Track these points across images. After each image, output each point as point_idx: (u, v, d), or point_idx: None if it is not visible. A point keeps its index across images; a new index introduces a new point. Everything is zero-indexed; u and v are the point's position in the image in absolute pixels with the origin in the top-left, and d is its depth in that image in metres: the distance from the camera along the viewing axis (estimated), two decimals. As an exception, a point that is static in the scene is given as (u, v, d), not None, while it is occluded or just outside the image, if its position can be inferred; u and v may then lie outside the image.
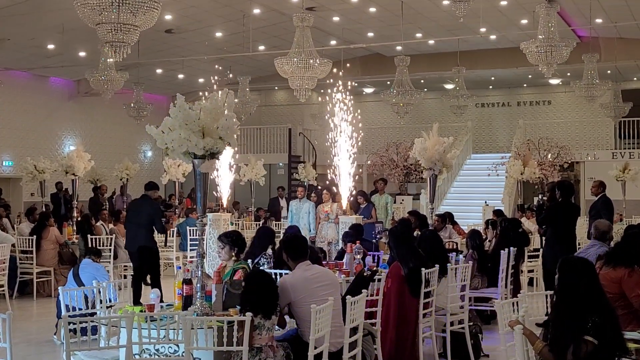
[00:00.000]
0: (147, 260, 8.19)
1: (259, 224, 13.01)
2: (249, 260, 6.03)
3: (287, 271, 4.95)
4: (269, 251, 6.23)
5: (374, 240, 8.87)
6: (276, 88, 20.97)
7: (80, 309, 4.94)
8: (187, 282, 4.44)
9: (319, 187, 10.83)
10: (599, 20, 13.96)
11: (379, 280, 5.40)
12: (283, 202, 14.85)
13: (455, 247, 8.85)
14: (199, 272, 4.42)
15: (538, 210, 8.47)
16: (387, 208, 11.45)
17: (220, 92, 4.54)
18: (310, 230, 9.54)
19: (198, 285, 4.38)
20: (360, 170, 8.87)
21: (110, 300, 5.25)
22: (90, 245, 9.54)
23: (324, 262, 6.26)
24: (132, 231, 8.24)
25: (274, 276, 5.48)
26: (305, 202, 10.36)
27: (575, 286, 3.36)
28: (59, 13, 12.44)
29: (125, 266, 10.15)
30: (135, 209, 8.34)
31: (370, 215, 10.12)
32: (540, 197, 13.61)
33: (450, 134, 17.96)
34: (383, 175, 16.77)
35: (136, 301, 7.57)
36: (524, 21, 14.15)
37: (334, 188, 9.14)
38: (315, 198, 10.96)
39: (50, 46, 14.56)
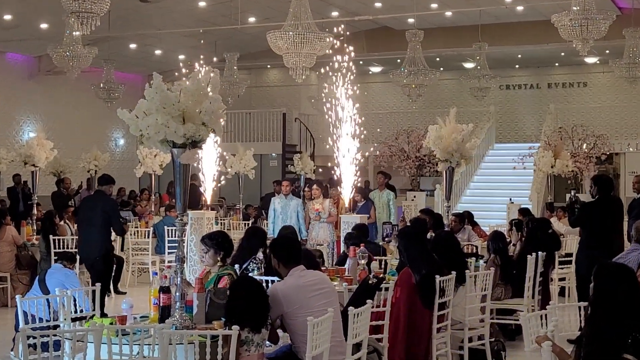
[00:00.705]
0: (107, 266, 8.16)
1: (248, 224, 13.03)
2: (237, 266, 6.05)
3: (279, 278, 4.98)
4: (260, 255, 6.24)
5: (380, 243, 8.89)
6: (268, 67, 20.94)
7: (47, 320, 4.94)
8: (165, 290, 4.45)
9: (317, 182, 10.82)
10: (643, -11, 13.87)
11: (387, 289, 5.41)
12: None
13: (474, 251, 8.87)
14: (178, 278, 4.42)
15: (570, 208, 8.47)
16: (390, 206, 11.49)
17: (203, 70, 4.53)
18: (300, 232, 9.55)
19: (177, 294, 4.39)
20: (360, 159, 8.80)
21: (82, 311, 5.26)
22: (53, 248, 9.54)
23: (322, 268, 6.28)
24: (85, 233, 8.15)
25: (265, 284, 5.51)
26: (292, 199, 10.37)
27: (613, 295, 3.34)
28: (16, -22, 12.39)
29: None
30: (87, 207, 8.24)
31: (369, 214, 10.19)
32: (572, 193, 13.62)
33: (469, 120, 17.98)
34: (392, 167, 16.81)
35: (100, 313, 7.58)
36: (556, -10, 14.09)
37: (325, 183, 9.16)
38: (309, 193, 10.98)
39: (7, 17, 14.46)
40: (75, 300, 5.26)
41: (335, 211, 10.22)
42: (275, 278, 5.30)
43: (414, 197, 15.66)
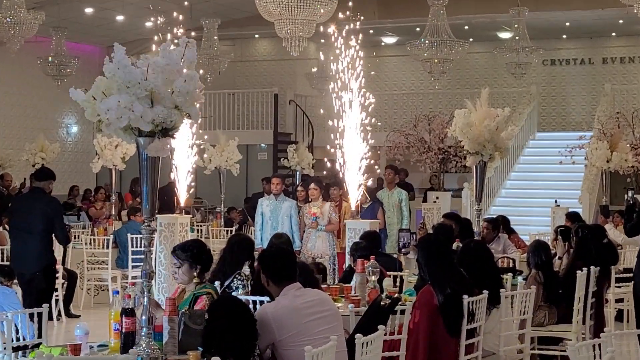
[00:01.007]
0: (49, 284, 8.08)
1: (231, 231, 13.04)
2: (217, 283, 6.05)
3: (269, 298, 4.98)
4: (246, 270, 6.24)
5: (395, 255, 8.90)
6: (257, 36, 20.96)
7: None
8: (128, 313, 4.45)
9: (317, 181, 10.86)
10: None
11: (403, 312, 5.41)
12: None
13: (511, 265, 8.88)
14: (145, 298, 4.42)
15: (628, 213, 8.49)
16: (402, 208, 11.55)
17: (176, 41, 4.53)
18: (294, 242, 9.58)
19: (143, 317, 4.39)
20: (371, 159, 8.83)
21: (23, 338, 5.26)
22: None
23: (323, 286, 6.29)
24: (20, 242, 8.04)
25: (252, 305, 5.51)
26: (284, 201, 10.37)
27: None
28: None
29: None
30: (23, 209, 8.12)
31: (376, 218, 10.23)
32: (630, 194, 13.59)
33: (506, 103, 18.06)
34: (410, 161, 16.83)
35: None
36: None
37: (326, 181, 9.17)
38: (304, 194, 11.03)
39: None
40: (17, 325, 5.26)
41: (336, 217, 10.25)
42: (265, 298, 5.31)
43: (437, 198, 15.68)
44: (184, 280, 5.22)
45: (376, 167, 10.44)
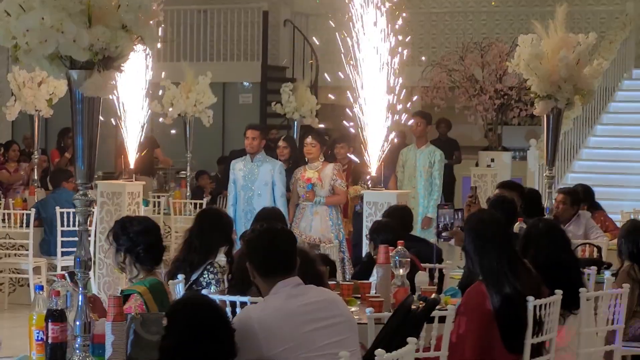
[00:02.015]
0: None
1: (201, 205, 13.05)
2: (181, 277, 6.07)
3: (255, 299, 4.99)
4: (221, 259, 6.27)
5: (431, 240, 8.91)
6: None
7: None
8: (56, 317, 4.46)
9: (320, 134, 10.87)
10: None
11: (443, 319, 5.45)
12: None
13: (596, 255, 8.89)
14: (80, 297, 4.44)
15: None
16: (434, 174, 11.51)
17: None
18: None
19: (77, 323, 4.41)
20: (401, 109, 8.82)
21: None
22: None
23: (330, 283, 6.33)
24: None
25: (229, 309, 5.52)
26: (263, 163, 10.35)
27: None
28: None
29: None
30: None
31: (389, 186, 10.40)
32: None
33: (591, 27, 17.90)
34: (454, 108, 16.78)
35: None
36: None
37: (330, 135, 9.16)
38: (286, 151, 11.11)
39: None
40: None
41: (343, 185, 10.28)
42: (248, 299, 5.32)
43: (492, 161, 15.67)
44: (130, 273, 5.37)
45: (409, 120, 10.45)
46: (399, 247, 6.48)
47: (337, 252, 9.69)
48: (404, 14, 8.87)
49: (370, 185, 9.28)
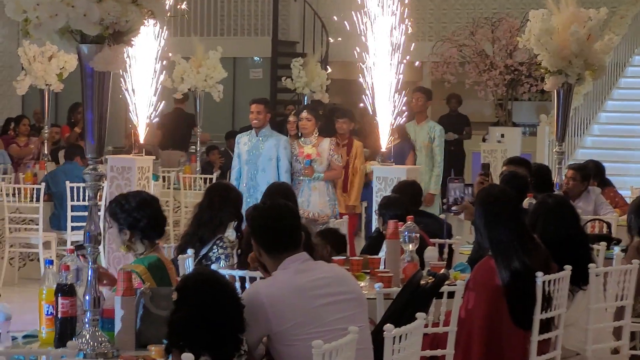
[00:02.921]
0: None
1: (210, 180, 13.07)
2: (190, 251, 6.08)
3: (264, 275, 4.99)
4: (230, 234, 6.28)
5: (441, 215, 8.91)
6: None
7: None
8: (66, 291, 4.48)
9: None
10: None
11: (452, 294, 5.45)
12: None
13: (606, 231, 8.88)
14: (90, 271, 4.44)
15: None
16: (435, 150, 11.47)
17: None
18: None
19: (87, 298, 4.42)
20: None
21: None
22: None
23: (338, 258, 6.36)
24: None
25: (238, 284, 5.53)
26: (269, 138, 10.27)
27: None
28: None
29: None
30: None
31: (406, 163, 10.34)
32: None
33: (601, 2, 17.76)
34: (464, 84, 16.73)
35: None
36: None
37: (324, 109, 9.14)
38: (293, 126, 11.05)
39: None
40: None
41: (339, 160, 10.28)
42: (257, 274, 5.32)
43: (502, 136, 15.66)
44: (135, 249, 5.35)
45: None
46: (409, 222, 6.48)
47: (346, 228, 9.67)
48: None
49: (379, 161, 9.28)
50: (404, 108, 9.23)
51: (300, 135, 10.30)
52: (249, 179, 10.13)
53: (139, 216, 5.32)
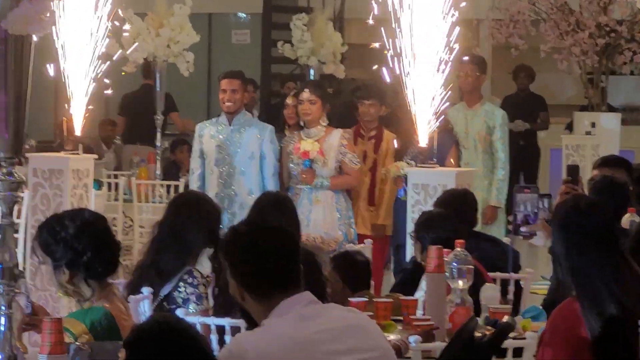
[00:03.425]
0: None
1: (176, 187, 13.13)
2: (146, 290, 6.08)
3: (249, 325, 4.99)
4: (203, 265, 6.29)
5: (505, 238, 8.90)
6: None
7: None
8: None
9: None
10: None
11: (519, 352, 5.48)
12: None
13: None
14: (4, 319, 4.47)
15: None
16: (496, 144, 11.32)
17: None
18: None
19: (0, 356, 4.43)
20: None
21: None
22: None
23: (358, 300, 6.33)
24: None
25: (213, 337, 5.54)
26: (249, 126, 10.27)
27: None
28: None
29: None
30: None
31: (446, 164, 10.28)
32: None
33: None
34: (539, 50, 16.73)
35: None
36: None
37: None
38: (292, 111, 10.97)
39: None
40: None
41: (355, 161, 10.25)
42: (241, 322, 5.33)
43: (592, 125, 15.66)
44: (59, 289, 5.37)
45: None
46: (458, 248, 6.50)
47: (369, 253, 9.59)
48: None
49: (416, 162, 9.29)
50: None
51: (302, 124, 10.30)
52: (222, 186, 10.11)
53: (81, 247, 5.29)
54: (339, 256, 7.70)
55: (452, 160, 10.59)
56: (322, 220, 9.99)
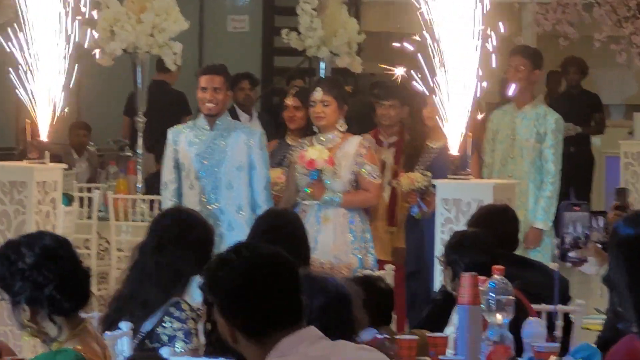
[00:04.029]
0: None
1: (160, 204, 13.07)
2: (125, 326, 6.10)
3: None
4: (194, 298, 6.31)
5: (551, 264, 8.90)
6: None
7: None
8: None
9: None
10: None
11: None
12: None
13: None
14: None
15: None
16: (546, 153, 11.18)
17: None
18: None
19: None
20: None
21: None
22: None
23: (379, 336, 6.33)
24: None
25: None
26: (237, 130, 10.24)
27: None
28: None
29: None
30: None
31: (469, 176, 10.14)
32: None
33: None
34: (591, 42, 16.76)
35: None
36: None
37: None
38: (291, 113, 10.94)
39: None
40: None
41: (377, 175, 10.20)
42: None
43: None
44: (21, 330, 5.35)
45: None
46: (497, 276, 6.49)
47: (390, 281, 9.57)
48: None
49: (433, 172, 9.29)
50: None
51: (313, 129, 10.29)
52: (205, 203, 10.08)
53: (41, 279, 5.23)
54: (361, 281, 7.66)
55: (474, 166, 10.36)
56: (332, 242, 9.92)
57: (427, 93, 9.31)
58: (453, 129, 9.06)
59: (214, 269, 4.60)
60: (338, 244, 9.92)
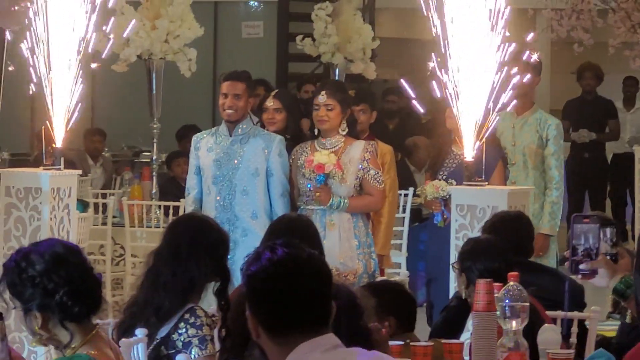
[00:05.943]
0: None
1: (176, 208, 13.06)
2: (140, 332, 6.10)
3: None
4: (208, 304, 6.31)
5: (573, 276, 8.87)
6: None
7: None
8: None
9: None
10: None
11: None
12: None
13: None
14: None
15: None
16: (548, 159, 11.21)
17: None
18: None
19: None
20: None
21: None
22: None
23: (394, 344, 6.32)
24: None
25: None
26: (256, 137, 10.24)
27: None
28: None
29: None
30: None
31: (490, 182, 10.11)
32: None
33: None
34: (609, 46, 16.73)
35: None
36: None
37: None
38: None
39: None
40: None
41: (381, 180, 10.18)
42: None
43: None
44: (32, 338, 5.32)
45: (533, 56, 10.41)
46: (511, 282, 6.48)
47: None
48: None
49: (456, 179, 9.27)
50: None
51: (316, 132, 10.25)
52: (221, 208, 10.07)
53: (52, 286, 5.25)
54: (382, 287, 7.63)
55: (497, 175, 10.37)
56: (338, 248, 9.88)
57: (446, 99, 9.27)
58: (467, 136, 9.05)
59: (249, 262, 4.60)
60: (344, 249, 9.90)
